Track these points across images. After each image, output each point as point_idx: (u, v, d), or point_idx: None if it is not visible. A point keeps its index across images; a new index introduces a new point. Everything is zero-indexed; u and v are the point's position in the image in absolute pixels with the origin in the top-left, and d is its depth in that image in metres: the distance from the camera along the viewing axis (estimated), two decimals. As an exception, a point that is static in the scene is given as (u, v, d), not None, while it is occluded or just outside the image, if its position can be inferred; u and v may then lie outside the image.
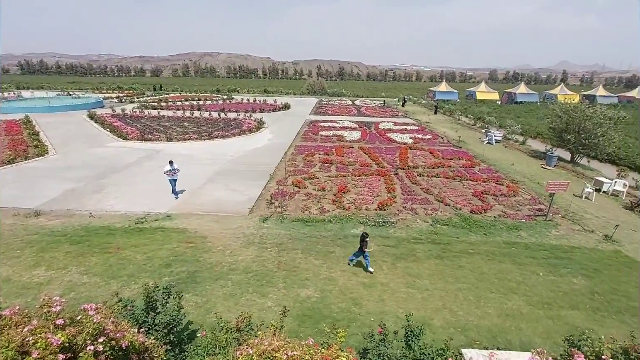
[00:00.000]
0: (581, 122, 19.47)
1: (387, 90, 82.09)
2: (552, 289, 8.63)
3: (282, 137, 25.23)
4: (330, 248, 10.13)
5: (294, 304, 7.75)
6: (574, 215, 12.95)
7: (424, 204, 13.32)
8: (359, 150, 21.20)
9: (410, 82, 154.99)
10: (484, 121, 34.19)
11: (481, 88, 61.85)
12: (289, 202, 13.22)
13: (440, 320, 7.46)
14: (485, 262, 9.68)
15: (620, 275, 9.37)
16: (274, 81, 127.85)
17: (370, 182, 15.47)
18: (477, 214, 12.59)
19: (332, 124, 30.26)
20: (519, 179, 16.85)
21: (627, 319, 7.64)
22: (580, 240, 11.17)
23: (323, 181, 15.40)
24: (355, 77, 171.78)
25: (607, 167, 20.37)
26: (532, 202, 13.89)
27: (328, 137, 25.14)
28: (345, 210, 12.49)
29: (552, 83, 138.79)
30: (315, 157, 19.19)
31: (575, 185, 15.92)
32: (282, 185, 14.66)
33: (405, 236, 10.96)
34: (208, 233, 10.85)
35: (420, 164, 18.57)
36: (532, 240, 11.06)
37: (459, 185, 15.56)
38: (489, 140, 25.54)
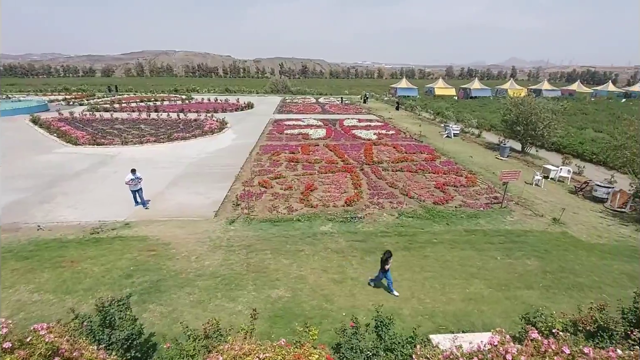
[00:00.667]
0: (528, 115, 20.90)
1: (351, 88, 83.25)
2: (509, 271, 9.21)
3: (246, 137, 24.75)
4: (300, 246, 10.10)
5: (265, 305, 7.65)
6: (526, 202, 13.88)
7: (390, 198, 13.66)
8: (324, 148, 21.30)
9: (373, 80, 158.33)
10: (443, 116, 35.67)
11: (439, 84, 64.40)
12: (255, 202, 13.01)
13: (409, 309, 7.70)
14: (449, 251, 10.12)
15: (567, 254, 10.18)
16: (235, 80, 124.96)
17: (337, 179, 15.61)
18: (440, 205, 13.12)
19: (297, 123, 30.17)
20: (477, 170, 17.77)
21: (575, 294, 8.32)
22: (532, 224, 12.00)
23: (290, 180, 15.32)
24: (318, 75, 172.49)
25: (554, 155, 22.02)
26: (488, 191, 14.71)
27: (293, 135, 25.03)
28: (313, 208, 12.51)
29: (503, 78, 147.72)
30: (281, 156, 19.03)
31: (526, 173, 17.06)
32: (248, 186, 14.39)
33: (373, 230, 11.18)
34: (171, 239, 10.41)
35: (385, 159, 19.01)
36: (489, 227, 11.72)
37: (422, 179, 16.13)
38: (448, 134, 26.69)
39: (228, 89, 65.46)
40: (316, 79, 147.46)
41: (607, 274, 9.23)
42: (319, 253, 9.78)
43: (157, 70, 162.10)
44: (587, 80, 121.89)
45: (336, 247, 10.10)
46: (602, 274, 9.22)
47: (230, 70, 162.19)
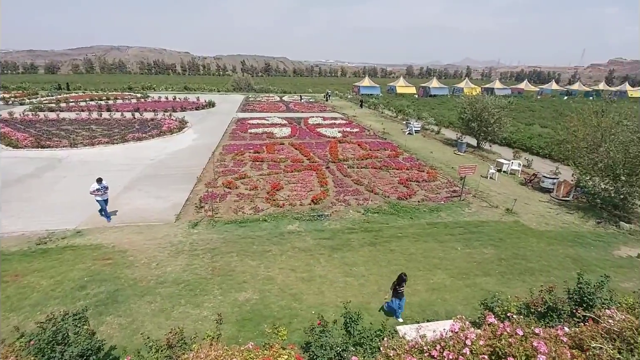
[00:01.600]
0: (481, 112, 22.13)
1: (315, 86, 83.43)
2: (468, 260, 9.70)
3: (208, 136, 23.96)
4: (267, 247, 9.96)
5: (232, 309, 7.46)
6: (482, 194, 14.69)
7: (356, 194, 13.86)
8: (290, 147, 21.17)
9: (336, 78, 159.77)
10: (405, 113, 36.79)
11: (400, 83, 66.39)
12: (220, 204, 12.63)
13: (377, 303, 7.86)
14: (413, 244, 10.46)
15: (519, 241, 10.91)
16: (195, 77, 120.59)
17: (303, 177, 15.57)
18: (404, 200, 13.52)
19: (261, 121, 29.73)
20: (437, 165, 18.52)
21: (527, 278, 8.94)
22: (488, 215, 12.72)
23: (255, 180, 15.05)
24: (281, 73, 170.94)
25: (505, 149, 23.49)
26: (448, 185, 15.39)
27: (258, 134, 24.63)
28: (280, 208, 12.38)
29: (459, 77, 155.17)
30: (245, 156, 18.64)
31: (481, 167, 18.05)
32: (211, 188, 13.94)
33: (339, 227, 11.28)
34: (129, 246, 9.83)
35: (350, 156, 19.25)
36: (450, 219, 12.26)
37: (387, 175, 16.53)
38: (410, 131, 27.57)
39: (187, 86, 62.94)
40: (280, 77, 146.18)
41: (554, 258, 10.01)
42: (287, 252, 9.70)
43: (109, 66, 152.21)
44: (534, 80, 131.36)
45: (304, 246, 10.07)
46: (550, 259, 9.98)
47: (189, 67, 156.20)
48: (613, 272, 9.07)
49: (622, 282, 8.91)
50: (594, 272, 9.01)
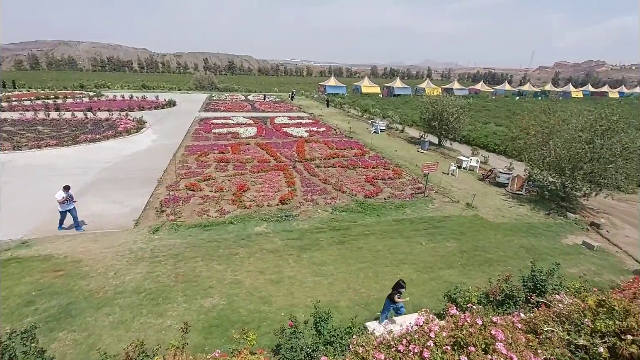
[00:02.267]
0: (441, 112, 23.08)
1: (281, 85, 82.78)
2: (433, 254, 10.06)
3: (169, 137, 22.96)
4: (234, 250, 9.71)
5: (198, 316, 7.19)
6: (444, 190, 15.31)
7: (323, 193, 13.90)
8: (256, 147, 20.82)
9: (302, 77, 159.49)
10: (370, 113, 37.51)
11: (365, 83, 67.60)
12: (182, 207, 12.15)
13: (346, 300, 7.93)
14: (380, 241, 10.67)
15: (479, 234, 11.49)
16: (153, 75, 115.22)
17: (270, 177, 15.37)
18: (371, 198, 13.76)
19: (226, 121, 28.99)
20: (402, 163, 19.06)
21: (486, 269, 9.42)
22: (450, 210, 13.28)
23: (220, 181, 14.64)
24: (246, 72, 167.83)
25: (465, 147, 24.68)
26: (413, 183, 15.88)
27: (222, 134, 23.98)
28: (247, 209, 12.13)
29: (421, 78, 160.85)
30: (209, 157, 18.08)
31: (443, 164, 18.80)
32: (173, 190, 13.36)
33: (308, 227, 11.25)
34: (83, 256, 9.18)
35: (317, 156, 19.29)
36: (415, 215, 12.66)
37: (353, 173, 16.74)
38: (375, 129, 28.15)
39: (145, 85, 59.90)
40: (244, 76, 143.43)
41: (510, 249, 10.65)
42: (255, 255, 9.52)
43: (57, 63, 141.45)
44: (489, 81, 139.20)
45: (272, 247, 9.94)
46: (506, 249, 10.61)
47: (147, 64, 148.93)
48: (562, 259, 9.82)
49: (570, 267, 9.65)
50: (545, 260, 9.69)
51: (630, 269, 9.94)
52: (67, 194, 10.26)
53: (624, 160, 12.84)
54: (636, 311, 3.75)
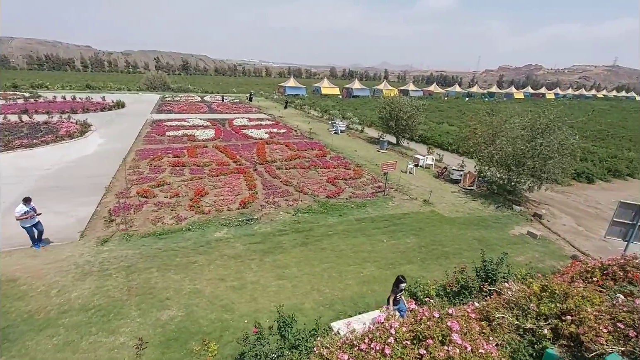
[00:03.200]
0: (398, 112, 23.91)
1: (239, 86, 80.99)
2: (394, 251, 10.34)
3: (117, 141, 21.50)
4: (192, 258, 9.29)
5: (155, 330, 6.78)
6: (403, 188, 15.83)
7: (285, 195, 13.77)
8: (214, 149, 20.15)
9: (261, 78, 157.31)
10: (330, 114, 37.87)
11: (325, 84, 68.22)
12: (134, 216, 11.41)
13: (311, 302, 7.89)
14: (343, 240, 10.78)
15: (436, 229, 12.01)
16: (99, 75, 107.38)
17: (229, 181, 14.93)
18: (332, 198, 13.86)
19: (181, 123, 27.73)
20: (362, 163, 19.43)
21: (443, 262, 9.87)
22: (408, 207, 13.75)
23: (176, 187, 13.96)
24: (202, 72, 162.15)
25: (421, 146, 25.74)
26: (373, 182, 16.25)
27: (177, 137, 22.92)
28: (205, 215, 11.68)
29: (378, 80, 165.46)
30: (163, 161, 17.18)
31: (401, 163, 19.46)
32: (123, 198, 12.52)
33: (270, 230, 11.07)
34: (21, 273, 8.30)
35: (278, 157, 19.09)
36: (376, 213, 12.94)
37: (315, 174, 16.78)
38: (336, 130, 28.46)
39: (90, 85, 55.51)
40: (200, 76, 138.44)
41: (464, 241, 11.25)
42: (215, 262, 9.18)
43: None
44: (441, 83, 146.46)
45: (233, 253, 9.65)
46: (461, 242, 11.19)
47: (92, 63, 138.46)
48: (509, 249, 10.54)
49: (517, 256, 10.39)
50: (495, 250, 10.34)
51: (568, 254, 10.92)
52: (29, 207, 9.23)
53: (561, 156, 14.09)
54: (574, 293, 4.08)
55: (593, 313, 3.70)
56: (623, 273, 5.86)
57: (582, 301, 3.90)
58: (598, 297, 4.06)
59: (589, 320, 3.60)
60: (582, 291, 4.10)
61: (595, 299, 3.98)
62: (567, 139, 14.25)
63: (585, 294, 4.02)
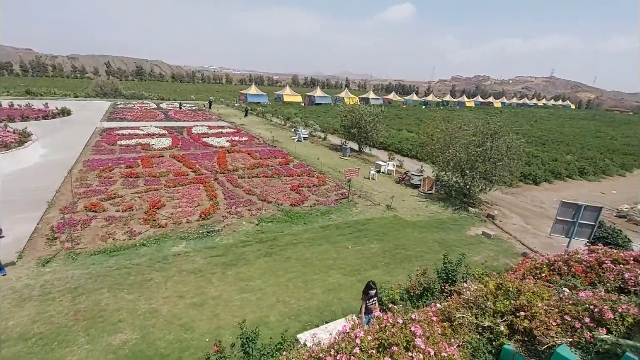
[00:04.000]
0: (360, 119, 24.45)
1: (198, 93, 78.58)
2: (359, 257, 10.42)
3: (62, 151, 19.84)
4: (147, 275, 8.71)
5: (106, 356, 6.23)
6: (366, 194, 16.10)
7: (248, 205, 13.44)
8: (171, 159, 19.24)
9: (221, 85, 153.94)
10: (292, 121, 37.85)
11: (287, 92, 68.22)
12: (82, 232, 10.52)
13: (276, 314, 7.68)
14: (308, 248, 10.68)
15: (399, 233, 12.30)
16: (41, 80, 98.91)
17: (188, 191, 14.30)
18: (297, 206, 13.74)
19: (135, 131, 26.24)
20: (326, 170, 19.53)
21: (406, 265, 10.09)
22: (372, 213, 13.98)
23: (129, 199, 13.10)
24: (157, 78, 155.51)
25: (382, 152, 26.44)
26: (337, 188, 16.37)
27: (130, 146, 21.63)
28: (162, 228, 11.04)
29: (340, 88, 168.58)
30: (115, 172, 16.09)
31: (364, 169, 19.83)
32: (69, 213, 11.52)
33: (232, 242, 10.71)
34: (-59, 304, 7.27)
35: (240, 166, 18.65)
36: (340, 220, 13.01)
37: (278, 182, 16.57)
38: (298, 138, 28.44)
39: (30, 91, 50.86)
40: (156, 82, 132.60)
41: (425, 244, 11.62)
42: (172, 278, 8.67)
43: None
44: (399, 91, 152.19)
45: (193, 267, 9.18)
46: (422, 245, 11.54)
47: (33, 67, 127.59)
48: (467, 249, 11.05)
49: (474, 256, 10.90)
50: (454, 251, 10.78)
51: (519, 252, 11.65)
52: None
53: (508, 159, 15.11)
54: (525, 290, 4.31)
55: (543, 308, 3.92)
56: (567, 268, 6.31)
57: (533, 297, 4.13)
58: (547, 292, 4.32)
59: (540, 314, 3.81)
60: (533, 287, 4.34)
61: (545, 294, 4.23)
62: (513, 142, 15.33)
63: (535, 290, 4.26)
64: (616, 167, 25.73)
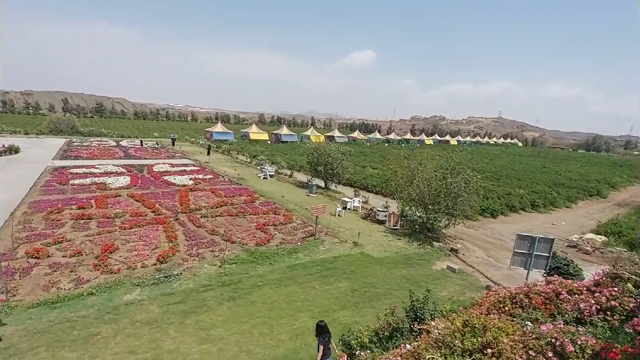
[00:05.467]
0: (326, 157, 24.95)
1: (162, 130, 76.94)
2: (327, 297, 10.10)
3: (5, 192, 18.16)
4: (94, 329, 7.81)
5: None
6: (333, 231, 16.03)
7: (211, 246, 12.83)
8: (128, 198, 18.22)
9: (186, 122, 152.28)
10: (259, 159, 37.80)
11: (253, 129, 68.78)
12: (20, 282, 9.39)
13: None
14: (274, 290, 10.22)
15: (367, 271, 12.19)
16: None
17: (146, 233, 13.45)
18: (262, 246, 13.32)
19: (90, 170, 24.81)
20: (292, 208, 19.36)
21: (375, 304, 9.90)
22: (339, 250, 13.85)
23: (78, 243, 12.05)
24: (119, 115, 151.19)
25: (348, 189, 26.83)
26: (303, 226, 16.17)
27: (84, 186, 20.30)
28: (114, 274, 10.15)
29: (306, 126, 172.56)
30: (64, 214, 14.88)
31: (330, 206, 19.90)
32: (7, 261, 10.32)
33: (193, 286, 10.02)
34: None
35: (204, 205, 18.02)
36: (307, 259, 12.72)
37: (244, 221, 16.11)
38: (265, 175, 28.30)
39: (-25, 128, 47.51)
40: (117, 120, 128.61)
41: (394, 281, 11.57)
42: (124, 331, 7.83)
43: None
44: (363, 130, 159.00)
45: (147, 318, 8.39)
46: (391, 282, 11.48)
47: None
48: (434, 284, 11.12)
49: (440, 291, 10.97)
50: (422, 286, 10.77)
51: (483, 285, 11.91)
52: None
53: (468, 194, 15.88)
54: (491, 325, 4.34)
55: (509, 343, 3.94)
56: (528, 300, 6.48)
57: (499, 332, 4.15)
58: (511, 326, 4.37)
59: (506, 351, 3.81)
60: (498, 322, 4.38)
61: (509, 329, 4.27)
62: (471, 178, 16.22)
63: (500, 325, 4.30)
64: (563, 200, 27.87)
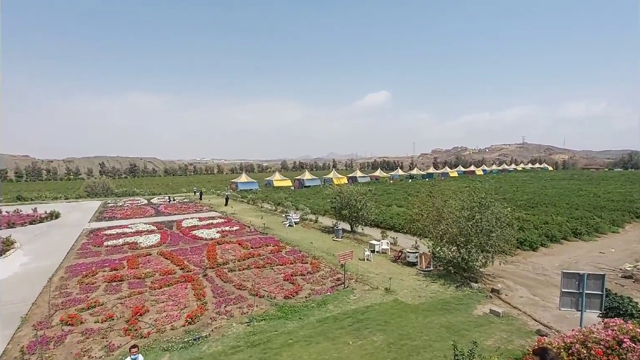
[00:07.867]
0: (349, 200, 24.80)
1: (189, 185, 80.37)
2: (362, 354, 9.42)
3: (45, 257, 19.08)
4: (123, 402, 7.58)
5: None
6: (362, 277, 15.41)
7: (239, 302, 12.59)
8: (158, 257, 18.58)
9: (213, 175, 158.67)
10: (283, 205, 38.17)
11: (277, 177, 70.48)
12: (54, 351, 9.45)
13: None
14: (305, 349, 9.68)
15: (402, 320, 11.41)
16: (34, 184, 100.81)
17: (174, 292, 13.45)
18: (291, 298, 12.91)
19: (122, 230, 25.84)
20: (319, 255, 18.97)
21: (413, 358, 9.11)
22: (371, 298, 13.17)
23: (110, 307, 12.17)
24: (150, 174, 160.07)
25: (375, 230, 26.21)
26: (332, 274, 15.69)
27: (117, 247, 21.01)
28: (144, 338, 10.03)
29: (328, 169, 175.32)
30: (98, 277, 15.27)
31: (357, 250, 19.36)
32: (43, 329, 10.50)
33: (221, 349, 9.68)
34: None
35: (231, 258, 18.04)
36: (338, 310, 12.13)
37: (271, 272, 15.87)
38: (290, 223, 28.31)
39: (21, 196, 51.28)
40: (148, 178, 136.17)
41: (432, 330, 10.70)
42: (152, 402, 7.55)
43: None
44: (385, 167, 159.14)
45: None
46: (429, 332, 10.62)
47: (28, 172, 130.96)
48: (477, 332, 10.20)
49: (485, 340, 10.00)
50: (464, 336, 9.92)
51: (532, 330, 10.78)
52: None
53: (500, 228, 15.04)
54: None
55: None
56: (586, 351, 5.77)
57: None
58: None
59: None
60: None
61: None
62: (500, 212, 15.45)
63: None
64: (607, 224, 25.82)
